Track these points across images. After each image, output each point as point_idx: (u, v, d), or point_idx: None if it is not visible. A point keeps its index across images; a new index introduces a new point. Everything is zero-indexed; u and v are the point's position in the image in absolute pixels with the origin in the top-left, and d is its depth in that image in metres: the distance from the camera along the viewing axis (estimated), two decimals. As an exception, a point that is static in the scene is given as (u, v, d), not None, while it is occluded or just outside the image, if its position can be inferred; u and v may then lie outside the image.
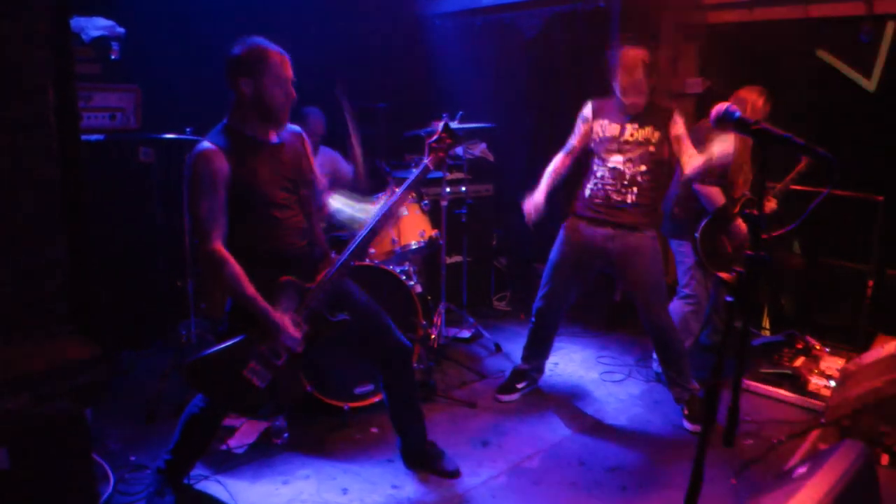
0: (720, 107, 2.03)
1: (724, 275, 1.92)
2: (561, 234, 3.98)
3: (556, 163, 3.93)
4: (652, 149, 3.70)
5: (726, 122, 2.00)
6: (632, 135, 3.71)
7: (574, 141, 3.92)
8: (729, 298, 1.92)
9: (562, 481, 3.26)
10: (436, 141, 3.11)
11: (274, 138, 2.81)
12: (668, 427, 3.81)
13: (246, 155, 2.69)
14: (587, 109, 3.90)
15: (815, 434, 3.48)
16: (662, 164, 3.77)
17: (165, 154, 4.37)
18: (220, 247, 2.61)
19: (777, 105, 4.12)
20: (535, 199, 3.86)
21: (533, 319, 4.15)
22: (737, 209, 4.12)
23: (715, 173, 3.95)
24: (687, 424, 3.79)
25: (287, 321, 2.69)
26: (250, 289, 2.62)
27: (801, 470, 2.34)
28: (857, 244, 4.77)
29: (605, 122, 3.79)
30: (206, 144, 2.63)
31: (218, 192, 2.61)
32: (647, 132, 3.70)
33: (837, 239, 4.97)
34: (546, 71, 5.74)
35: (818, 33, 4.83)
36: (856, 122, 4.74)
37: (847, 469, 2.23)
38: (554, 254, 3.97)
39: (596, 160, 3.83)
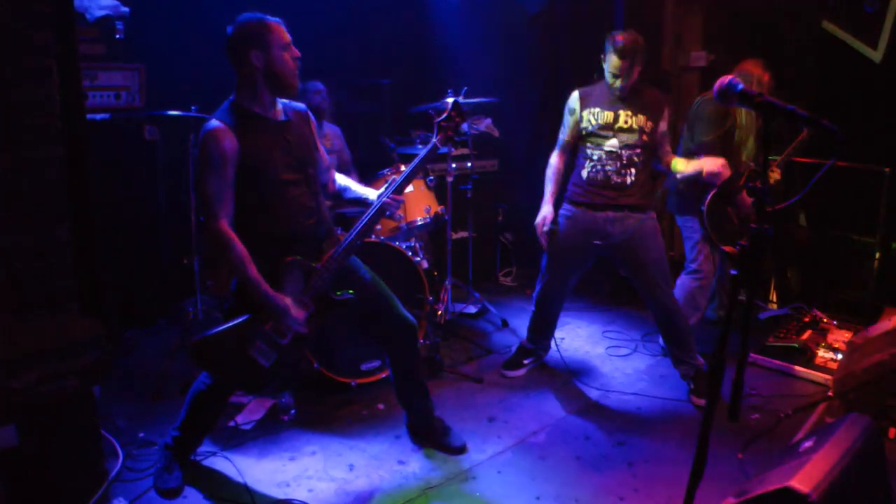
0: (723, 80, 2.00)
1: (728, 248, 1.91)
2: (559, 222, 3.93)
3: (555, 164, 3.91)
4: (645, 137, 3.71)
5: (729, 95, 1.98)
6: (626, 122, 3.69)
7: (565, 136, 3.88)
8: (733, 272, 1.91)
9: (567, 456, 3.27)
10: (445, 119, 3.10)
11: (280, 116, 2.80)
12: (675, 402, 3.82)
13: (254, 133, 2.68)
14: (573, 100, 3.84)
15: (821, 408, 3.48)
16: (654, 148, 3.80)
17: (171, 132, 4.36)
18: (225, 226, 2.61)
19: (783, 77, 4.09)
20: (545, 213, 3.84)
21: (534, 307, 4.15)
22: (742, 182, 4.09)
23: (717, 148, 3.92)
24: (693, 399, 3.79)
25: (290, 303, 2.69)
26: (253, 271, 2.62)
27: (808, 444, 2.35)
28: (864, 216, 4.74)
29: (597, 109, 3.74)
30: (214, 122, 2.63)
31: (226, 170, 2.61)
32: (640, 120, 3.69)
33: (844, 211, 4.94)
34: (549, 47, 5.70)
35: (823, 4, 4.77)
36: (862, 94, 4.70)
37: (853, 442, 2.23)
38: (552, 242, 3.92)
39: (590, 145, 3.78)
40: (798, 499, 1.91)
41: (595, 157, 3.75)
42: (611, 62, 3.64)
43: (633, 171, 3.71)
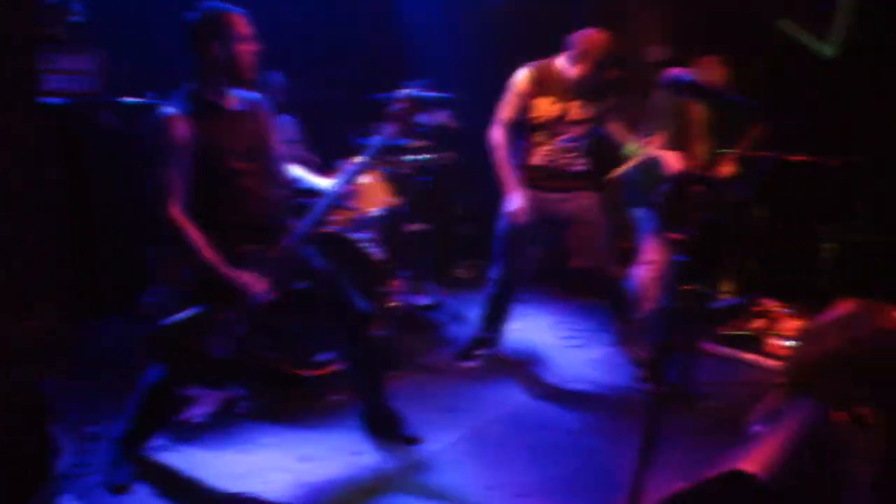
0: (672, 71, 2.04)
1: (675, 235, 1.94)
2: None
3: (502, 144, 3.83)
4: (596, 125, 3.78)
5: (677, 86, 2.01)
6: (577, 113, 3.72)
7: (510, 114, 3.81)
8: (681, 259, 1.94)
9: (523, 445, 3.30)
10: (397, 109, 3.09)
11: (237, 105, 2.80)
12: (629, 390, 3.86)
13: (209, 121, 2.68)
14: (524, 82, 3.76)
15: (772, 394, 3.54)
16: (604, 136, 3.87)
17: (128, 118, 4.29)
18: (179, 213, 2.62)
19: (739, 73, 4.16)
20: (519, 200, 3.77)
21: (489, 292, 4.15)
22: (695, 173, 4.15)
23: (674, 140, 3.98)
24: (643, 386, 3.84)
25: (250, 277, 2.68)
26: (210, 253, 2.62)
27: (758, 428, 2.39)
28: (816, 208, 4.85)
29: (549, 100, 3.71)
30: (169, 110, 2.64)
31: (180, 158, 2.61)
32: (590, 111, 3.72)
33: (796, 203, 5.04)
34: (513, 39, 5.69)
35: (778, 1, 4.86)
36: (815, 89, 4.79)
37: (803, 426, 2.28)
38: (503, 226, 3.91)
39: (539, 135, 3.77)
40: (748, 481, 1.94)
41: (546, 149, 3.77)
42: (575, 55, 3.66)
43: (583, 160, 3.76)
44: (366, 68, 5.68)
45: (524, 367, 4.18)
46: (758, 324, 4.52)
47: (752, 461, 1.99)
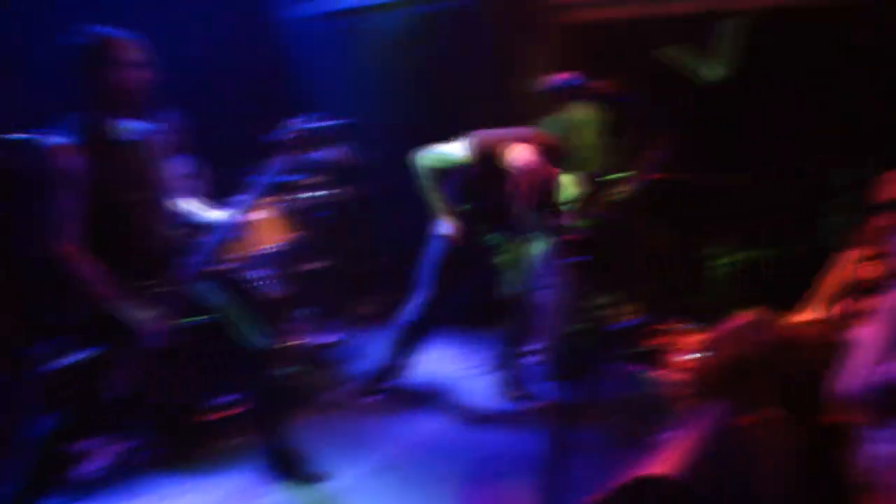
0: (560, 75, 2.11)
1: (572, 237, 2.01)
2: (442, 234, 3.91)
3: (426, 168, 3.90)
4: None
5: (566, 89, 2.09)
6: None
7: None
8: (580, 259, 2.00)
9: (433, 475, 3.30)
10: (291, 142, 3.09)
11: (126, 135, 2.71)
12: (535, 414, 3.90)
13: (97, 152, 2.59)
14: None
15: (679, 403, 3.66)
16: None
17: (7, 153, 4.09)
18: (71, 247, 2.52)
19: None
20: (449, 224, 3.84)
21: (408, 320, 4.09)
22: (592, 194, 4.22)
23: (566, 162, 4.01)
24: (549, 408, 3.89)
25: (146, 315, 2.60)
26: (105, 289, 2.52)
27: (668, 435, 2.48)
28: (712, 228, 5.10)
29: None
30: (57, 140, 2.53)
31: (69, 190, 2.52)
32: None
33: (689, 222, 5.27)
34: (410, 71, 5.77)
35: (666, 30, 5.10)
36: (705, 112, 5.04)
37: (712, 430, 2.39)
38: (434, 252, 3.91)
39: None
40: (659, 484, 2.02)
41: None
42: None
43: None
44: (261, 103, 5.63)
45: (430, 398, 4.19)
46: (659, 340, 4.67)
47: (663, 465, 2.06)
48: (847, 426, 2.43)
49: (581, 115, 4.12)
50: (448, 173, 3.81)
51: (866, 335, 1.67)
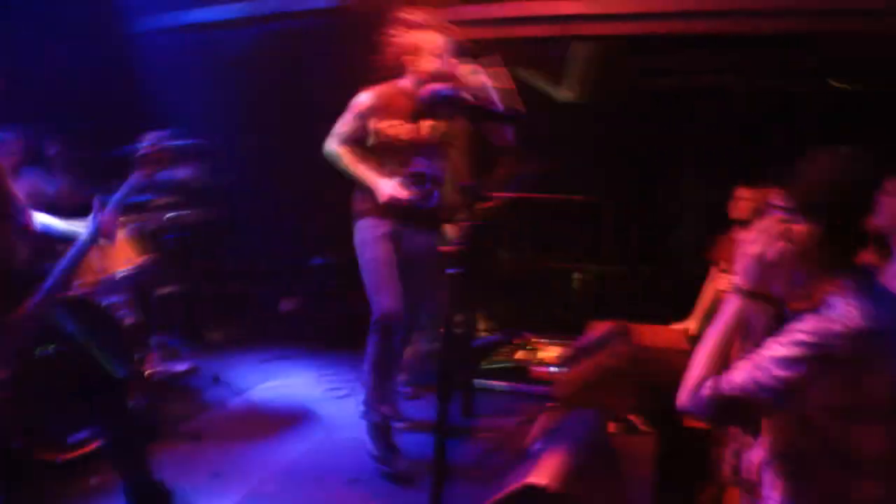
0: (430, 86, 2.17)
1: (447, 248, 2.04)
2: (370, 234, 3.50)
3: (342, 148, 3.49)
4: (454, 144, 3.53)
5: (436, 99, 2.14)
6: (430, 133, 3.44)
7: (349, 133, 3.48)
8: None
9: (299, 500, 3.24)
10: (143, 158, 2.96)
11: None
12: (401, 432, 3.92)
13: None
14: (365, 105, 3.44)
15: (547, 414, 3.78)
16: (460, 158, 3.64)
17: None
18: None
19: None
20: (389, 185, 3.38)
21: (381, 343, 3.54)
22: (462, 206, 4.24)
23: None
24: (415, 427, 3.92)
25: None
26: None
27: (538, 445, 2.56)
28: (563, 244, 5.32)
29: (396, 122, 3.39)
30: None
31: None
32: (445, 126, 3.45)
33: (546, 240, 5.49)
34: (261, 87, 5.68)
35: (519, 52, 5.30)
36: (556, 132, 5.26)
37: (581, 435, 2.49)
38: (371, 253, 3.47)
39: (391, 162, 3.45)
40: (537, 492, 2.08)
41: (398, 179, 3.46)
42: (420, 64, 3.37)
43: (436, 190, 3.57)
44: (110, 121, 5.37)
45: (293, 421, 4.11)
46: (520, 355, 4.83)
47: (540, 474, 2.13)
48: (708, 431, 2.63)
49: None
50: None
51: (701, 348, 1.80)
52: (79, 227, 2.87)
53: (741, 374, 1.68)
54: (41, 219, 2.92)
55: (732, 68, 5.02)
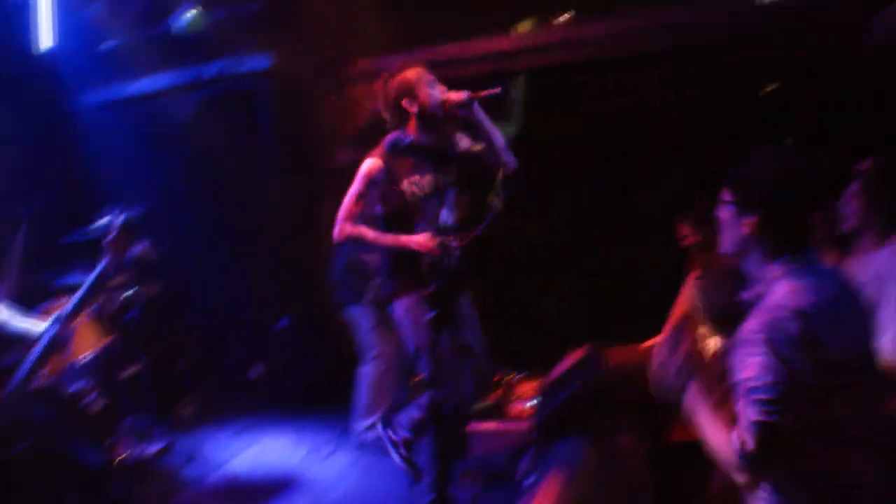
0: (391, 135, 2.22)
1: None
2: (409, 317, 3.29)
3: (355, 228, 3.24)
4: (459, 188, 3.37)
5: (398, 146, 2.22)
6: (443, 181, 3.27)
7: (363, 208, 3.23)
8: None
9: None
10: (113, 238, 2.90)
11: None
12: (390, 482, 3.80)
13: None
14: (377, 169, 3.19)
15: (531, 449, 3.73)
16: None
17: None
18: None
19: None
20: (424, 237, 3.15)
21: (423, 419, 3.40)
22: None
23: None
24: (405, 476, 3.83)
25: None
26: None
27: (530, 480, 2.52)
28: (530, 275, 5.35)
29: (414, 178, 3.21)
30: None
31: None
32: (451, 170, 3.29)
33: (508, 274, 5.50)
34: (205, 153, 5.64)
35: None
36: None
37: (572, 464, 2.46)
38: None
39: (411, 222, 3.23)
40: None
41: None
42: (425, 102, 3.18)
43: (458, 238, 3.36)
44: (58, 202, 5.27)
45: (280, 488, 4.01)
46: (496, 393, 4.78)
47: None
48: (697, 442, 2.62)
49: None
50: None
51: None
52: (36, 325, 2.79)
53: (745, 414, 1.68)
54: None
55: (663, 82, 5.17)
